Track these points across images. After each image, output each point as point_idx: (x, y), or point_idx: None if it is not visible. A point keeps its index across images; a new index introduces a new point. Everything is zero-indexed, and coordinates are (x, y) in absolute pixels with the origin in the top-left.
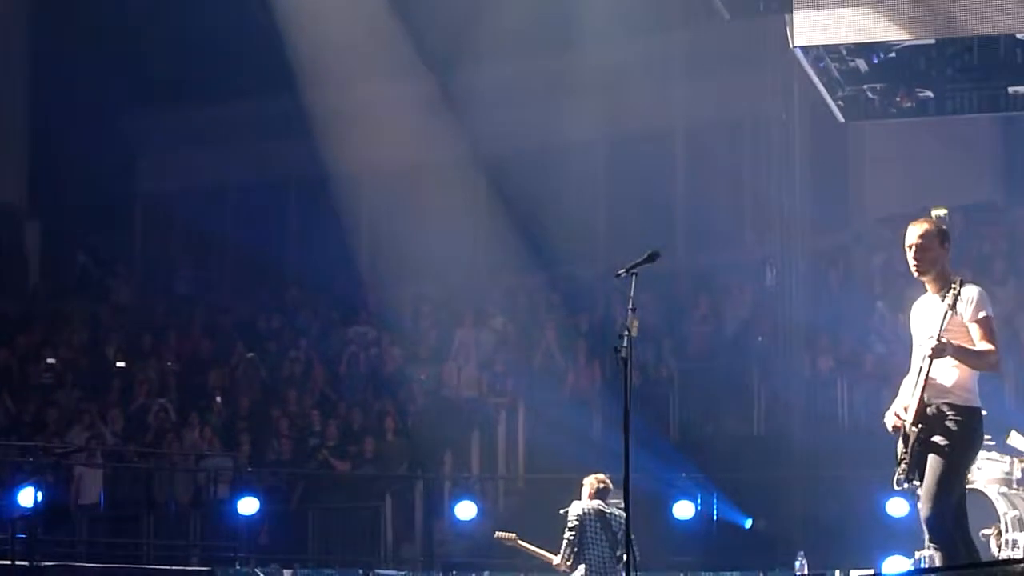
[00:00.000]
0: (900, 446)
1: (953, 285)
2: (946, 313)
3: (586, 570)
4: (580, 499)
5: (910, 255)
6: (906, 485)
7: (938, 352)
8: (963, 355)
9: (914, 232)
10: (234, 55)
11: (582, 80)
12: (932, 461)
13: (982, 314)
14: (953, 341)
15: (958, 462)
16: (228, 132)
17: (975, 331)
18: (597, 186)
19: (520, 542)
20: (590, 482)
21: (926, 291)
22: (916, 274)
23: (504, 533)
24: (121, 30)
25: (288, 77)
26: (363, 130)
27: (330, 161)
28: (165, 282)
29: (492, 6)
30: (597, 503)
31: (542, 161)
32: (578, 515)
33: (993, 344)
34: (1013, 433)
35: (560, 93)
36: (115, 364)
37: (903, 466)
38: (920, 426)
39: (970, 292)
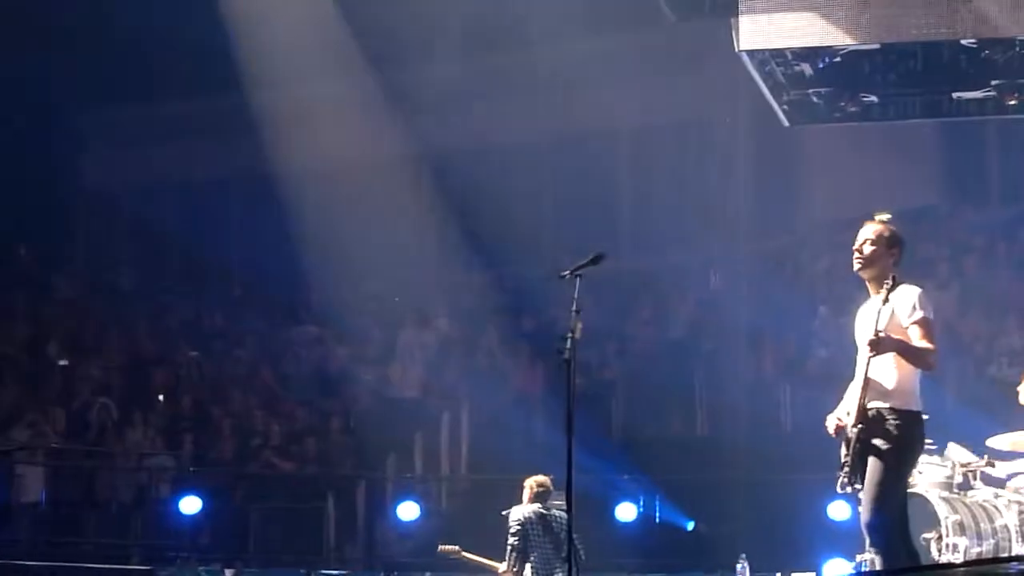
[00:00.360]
0: (843, 449)
1: (886, 283)
2: (879, 311)
3: (532, 573)
4: (521, 502)
5: (855, 250)
6: (848, 489)
7: (876, 346)
8: (902, 350)
9: (865, 230)
10: (180, 53)
11: (528, 80)
12: (872, 465)
13: (921, 314)
14: (892, 336)
15: (898, 466)
16: (173, 129)
17: (915, 331)
18: (542, 186)
19: (464, 554)
20: (530, 485)
21: (870, 297)
22: (855, 268)
23: (447, 547)
24: (67, 27)
25: (233, 75)
26: (308, 128)
27: (275, 159)
28: (108, 279)
29: (437, 5)
30: (537, 506)
31: (487, 161)
32: (519, 520)
33: (932, 344)
34: (951, 445)
35: (506, 92)
36: (57, 361)
37: (845, 470)
38: (860, 427)
39: (908, 292)
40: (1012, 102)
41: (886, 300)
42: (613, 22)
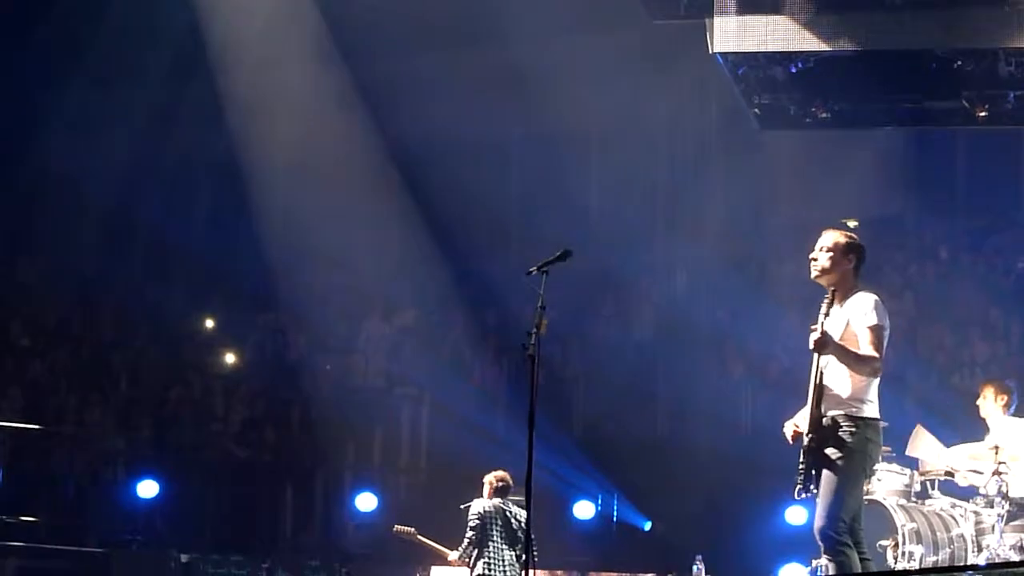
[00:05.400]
0: (801, 455)
1: (831, 288)
2: (830, 315)
3: (485, 567)
4: (482, 496)
5: (811, 258)
6: (804, 495)
7: (819, 345)
8: (842, 354)
9: (824, 237)
10: (150, 38)
11: (498, 76)
12: (827, 473)
13: (872, 321)
14: (835, 338)
15: (852, 473)
16: (141, 115)
17: (863, 336)
18: (511, 183)
19: (419, 536)
20: (490, 480)
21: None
22: (813, 276)
23: (403, 528)
24: (37, 10)
25: (203, 62)
26: (277, 118)
27: (243, 148)
28: (73, 262)
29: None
30: (498, 501)
31: (456, 155)
32: (479, 513)
33: (878, 352)
34: (918, 427)
35: (476, 88)
36: (19, 342)
37: (801, 476)
38: (812, 436)
39: (863, 299)
40: (982, 113)
41: (839, 305)
42: (586, 21)
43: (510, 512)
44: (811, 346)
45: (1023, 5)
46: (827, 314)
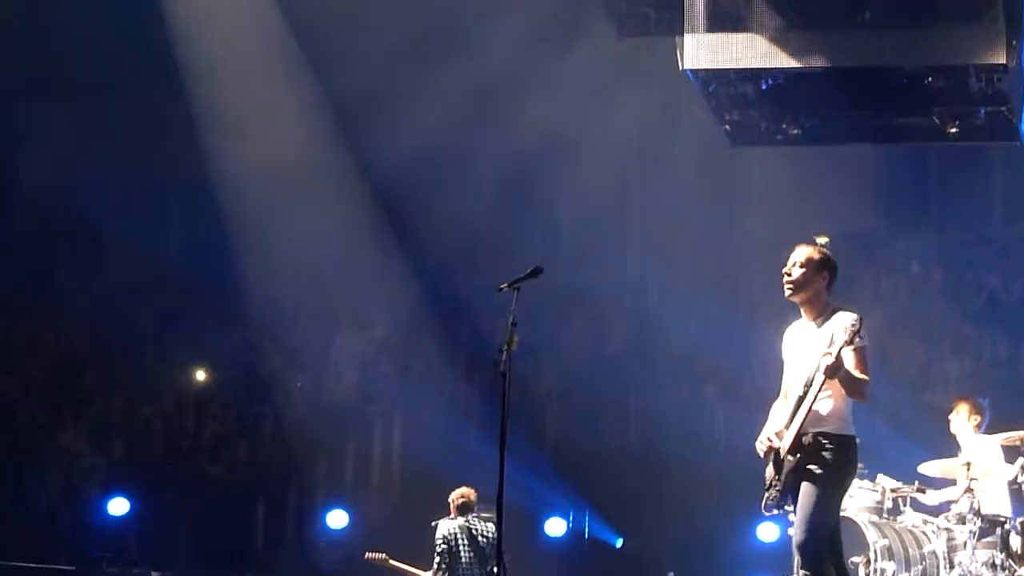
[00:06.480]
0: (770, 470)
1: (825, 311)
2: (813, 336)
3: None
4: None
5: (784, 273)
6: (775, 511)
7: (834, 372)
8: (847, 380)
9: (797, 253)
10: (121, 52)
11: (470, 91)
12: (806, 489)
13: (860, 342)
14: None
15: (833, 490)
16: (113, 128)
17: (851, 358)
18: (483, 197)
19: (391, 561)
20: (453, 499)
21: (802, 317)
22: (786, 294)
23: (374, 554)
24: (8, 24)
25: (175, 75)
26: (248, 132)
27: (214, 162)
28: (44, 277)
29: (383, 12)
30: (462, 520)
31: (427, 170)
32: (443, 536)
33: (866, 375)
34: (881, 476)
35: (447, 103)
36: None
37: (774, 491)
38: (796, 456)
39: (847, 319)
40: (953, 130)
41: (815, 324)
42: (558, 37)
43: (476, 529)
44: (823, 372)
45: (997, 22)
46: (816, 337)
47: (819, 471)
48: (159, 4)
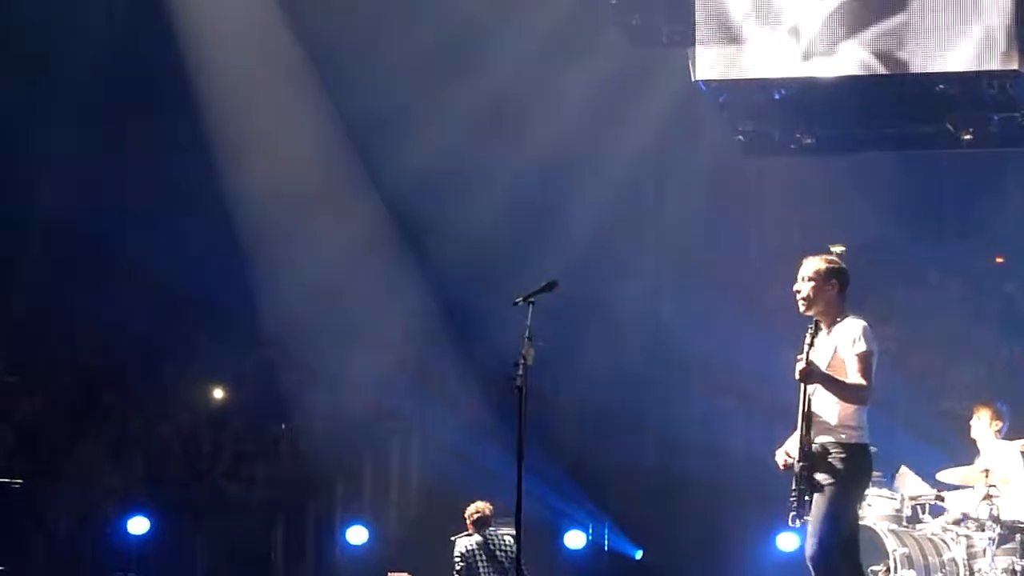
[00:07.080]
0: (793, 482)
1: (838, 320)
2: (818, 343)
3: None
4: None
5: (795, 290)
6: (798, 522)
7: (805, 376)
8: (829, 383)
9: (805, 267)
10: (136, 75)
11: (485, 106)
12: (817, 499)
13: (861, 348)
14: (822, 368)
15: (843, 500)
16: (130, 150)
17: (851, 364)
18: (498, 213)
19: None
20: (469, 514)
21: (820, 329)
22: (801, 310)
23: (397, 574)
24: (23, 49)
25: (190, 97)
26: (264, 152)
27: (231, 182)
28: (61, 299)
29: (395, 30)
30: (478, 537)
31: (443, 185)
32: (461, 553)
33: (866, 379)
34: (903, 468)
35: (462, 119)
36: (7, 378)
37: (792, 503)
38: (803, 464)
39: (852, 326)
40: (967, 136)
41: (827, 332)
42: (571, 50)
43: (494, 543)
44: (796, 376)
45: (1007, 29)
46: (811, 344)
47: (828, 481)
48: (173, 27)
